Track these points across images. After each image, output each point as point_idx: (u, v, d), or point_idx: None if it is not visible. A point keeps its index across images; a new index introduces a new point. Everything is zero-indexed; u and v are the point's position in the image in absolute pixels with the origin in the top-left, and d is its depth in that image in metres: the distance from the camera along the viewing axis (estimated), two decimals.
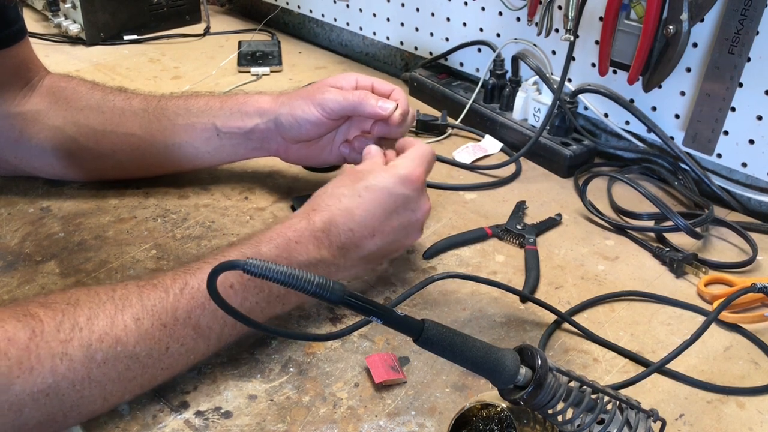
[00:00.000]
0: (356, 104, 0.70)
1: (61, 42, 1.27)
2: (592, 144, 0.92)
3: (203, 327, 0.53)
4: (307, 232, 0.58)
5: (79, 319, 0.48)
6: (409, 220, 0.63)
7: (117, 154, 0.78)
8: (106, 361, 0.48)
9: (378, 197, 0.61)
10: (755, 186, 0.84)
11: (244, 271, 0.39)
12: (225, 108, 0.76)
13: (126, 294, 0.51)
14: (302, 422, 0.54)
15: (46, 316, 0.47)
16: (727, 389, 0.59)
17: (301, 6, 1.33)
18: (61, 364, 0.46)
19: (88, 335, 0.47)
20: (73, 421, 0.49)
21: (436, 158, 0.67)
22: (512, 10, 0.98)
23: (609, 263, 0.74)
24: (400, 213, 0.62)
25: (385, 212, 0.61)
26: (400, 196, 0.61)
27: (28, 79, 0.77)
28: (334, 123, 0.73)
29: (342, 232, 0.59)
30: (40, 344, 0.45)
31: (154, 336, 0.50)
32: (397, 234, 0.63)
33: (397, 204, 0.61)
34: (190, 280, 0.53)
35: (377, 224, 0.61)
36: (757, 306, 0.67)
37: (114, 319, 0.49)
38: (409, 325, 0.43)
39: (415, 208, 0.63)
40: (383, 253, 0.64)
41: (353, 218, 0.60)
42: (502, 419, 0.48)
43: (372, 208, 0.60)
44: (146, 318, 0.50)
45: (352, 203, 0.60)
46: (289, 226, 0.59)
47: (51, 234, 0.74)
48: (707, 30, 0.81)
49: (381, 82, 0.73)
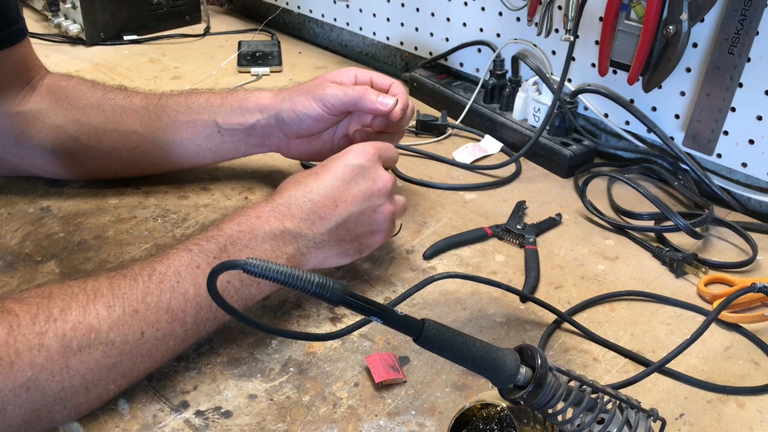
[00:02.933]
0: (356, 99, 0.71)
1: (61, 42, 1.27)
2: (592, 144, 0.92)
3: (176, 310, 0.53)
4: (268, 207, 0.60)
5: (53, 311, 0.48)
6: (371, 189, 0.63)
7: (118, 152, 0.78)
8: (82, 349, 0.48)
9: (332, 169, 0.62)
10: (755, 186, 0.84)
11: (244, 270, 0.39)
12: (226, 104, 0.76)
13: (97, 285, 0.51)
14: (302, 422, 0.54)
15: (22, 310, 0.47)
16: (727, 389, 0.59)
17: (301, 6, 1.33)
18: (39, 355, 0.46)
19: (62, 325, 0.48)
20: (60, 417, 0.49)
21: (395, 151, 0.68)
22: (512, 10, 0.98)
23: (609, 263, 0.74)
24: (358, 182, 0.63)
25: (343, 182, 0.62)
26: (356, 166, 0.63)
27: (28, 79, 0.77)
28: (335, 118, 0.74)
29: (303, 203, 0.61)
30: (17, 338, 0.46)
31: (126, 321, 0.50)
32: (362, 204, 0.63)
33: (354, 173, 0.63)
34: (157, 267, 0.54)
35: (337, 194, 0.62)
36: (757, 306, 0.67)
37: (86, 308, 0.49)
38: (409, 324, 0.43)
39: (374, 178, 0.63)
40: (355, 228, 0.63)
41: (312, 190, 0.61)
42: (502, 419, 0.48)
43: (329, 180, 0.62)
44: (117, 305, 0.50)
45: (309, 180, 0.62)
46: (252, 207, 0.60)
47: (51, 234, 0.74)
48: (707, 30, 0.81)
49: (379, 76, 0.74)
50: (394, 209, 0.65)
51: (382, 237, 0.66)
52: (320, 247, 0.62)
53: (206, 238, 0.57)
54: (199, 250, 0.55)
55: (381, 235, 0.66)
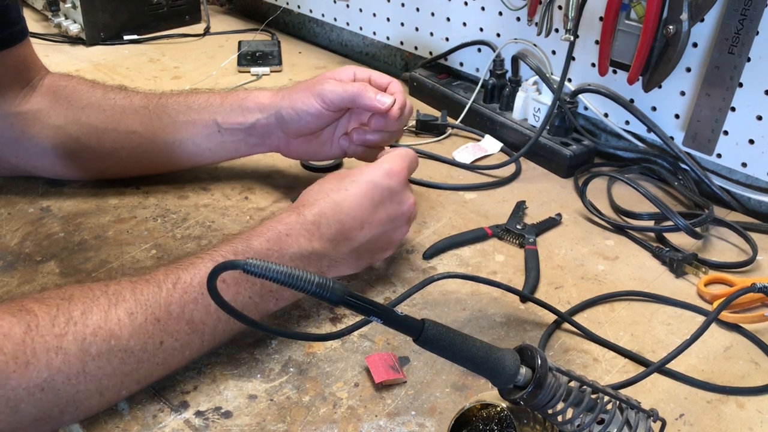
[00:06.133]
0: (355, 95, 0.71)
1: (61, 42, 1.27)
2: (592, 144, 0.92)
3: (197, 322, 0.53)
4: (298, 224, 0.59)
5: (74, 314, 0.48)
6: (396, 213, 0.64)
7: (118, 151, 0.78)
8: (101, 355, 0.48)
9: (364, 190, 0.62)
10: (755, 186, 0.84)
11: (244, 270, 0.39)
12: (226, 104, 0.76)
13: (119, 289, 0.51)
14: (302, 422, 0.54)
15: (41, 311, 0.47)
16: (727, 389, 0.59)
17: (301, 6, 1.33)
18: (56, 357, 0.46)
19: (82, 329, 0.47)
20: (69, 418, 0.49)
21: (418, 161, 0.69)
22: (512, 10, 0.98)
23: (609, 263, 0.74)
24: (386, 205, 0.63)
25: (372, 204, 0.62)
26: (386, 188, 0.62)
27: (28, 79, 0.77)
28: (334, 115, 0.74)
29: (332, 224, 0.60)
30: (35, 338, 0.46)
31: (147, 330, 0.50)
32: (385, 226, 0.63)
33: (383, 196, 0.62)
34: (182, 275, 0.53)
35: (365, 215, 0.61)
36: (757, 306, 0.67)
37: (108, 313, 0.49)
38: (409, 324, 0.43)
39: (401, 201, 0.64)
40: (373, 247, 0.64)
41: (342, 210, 0.61)
42: (502, 419, 0.48)
43: (359, 200, 0.61)
44: (140, 312, 0.50)
45: (339, 197, 0.61)
46: (280, 220, 0.60)
47: (51, 234, 0.74)
48: (707, 30, 0.81)
49: (378, 75, 0.74)
50: (408, 229, 0.67)
51: (391, 251, 0.68)
52: (338, 265, 0.62)
53: (233, 250, 0.56)
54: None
55: (391, 249, 0.67)
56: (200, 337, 0.54)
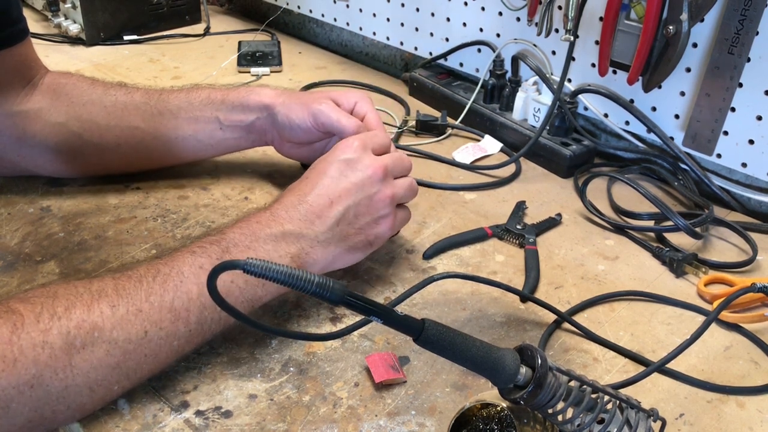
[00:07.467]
0: (341, 132, 0.71)
1: (61, 42, 1.27)
2: (592, 144, 0.92)
3: (179, 309, 0.53)
4: (267, 213, 0.61)
5: (57, 309, 0.49)
6: (361, 179, 0.63)
7: (121, 147, 0.78)
8: (85, 347, 0.48)
9: (321, 169, 0.64)
10: (755, 186, 0.84)
11: (244, 270, 0.39)
12: (227, 101, 0.77)
13: (102, 285, 0.52)
14: (302, 422, 0.54)
15: (26, 309, 0.48)
16: (727, 389, 0.59)
17: (301, 6, 1.33)
18: (43, 352, 0.47)
19: (66, 323, 0.48)
20: (63, 417, 0.49)
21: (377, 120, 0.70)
22: (512, 10, 0.98)
23: (609, 263, 0.74)
24: (348, 175, 0.63)
25: (333, 179, 0.63)
26: (342, 161, 0.64)
27: (29, 78, 0.77)
28: (324, 134, 0.75)
29: (299, 205, 0.61)
30: (21, 336, 0.46)
31: (129, 320, 0.51)
32: (356, 195, 0.63)
33: (342, 168, 0.63)
34: (162, 268, 0.54)
35: (329, 191, 0.62)
36: (757, 306, 0.67)
37: (90, 307, 0.50)
38: (409, 324, 0.43)
39: (363, 167, 0.64)
40: (357, 219, 0.63)
41: (306, 192, 0.62)
42: (502, 419, 0.48)
43: (319, 180, 0.63)
44: (121, 304, 0.51)
45: (302, 185, 0.64)
46: (252, 214, 0.62)
47: (51, 234, 0.74)
48: (707, 30, 0.81)
49: (372, 116, 0.74)
50: (393, 192, 0.65)
51: (388, 223, 0.65)
52: (326, 246, 0.62)
53: (209, 241, 0.58)
54: (202, 252, 0.56)
55: (387, 221, 0.65)
56: (186, 326, 0.54)
